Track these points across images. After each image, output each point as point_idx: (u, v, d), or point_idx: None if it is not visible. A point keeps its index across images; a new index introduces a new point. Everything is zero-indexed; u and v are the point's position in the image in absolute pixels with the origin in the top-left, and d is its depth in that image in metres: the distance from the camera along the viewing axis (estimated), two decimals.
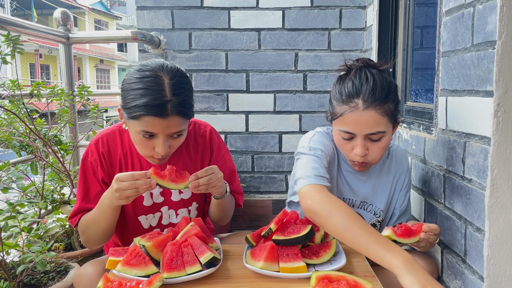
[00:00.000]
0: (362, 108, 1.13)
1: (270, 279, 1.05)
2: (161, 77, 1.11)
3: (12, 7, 20.87)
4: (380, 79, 1.15)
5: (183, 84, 1.14)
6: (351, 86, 1.15)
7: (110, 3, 33.67)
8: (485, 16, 1.02)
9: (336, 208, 1.03)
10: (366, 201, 1.34)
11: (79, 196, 1.29)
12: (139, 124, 1.11)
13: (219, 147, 1.40)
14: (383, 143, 1.17)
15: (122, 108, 1.16)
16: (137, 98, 1.09)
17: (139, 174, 1.09)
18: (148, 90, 1.09)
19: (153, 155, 1.18)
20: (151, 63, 1.15)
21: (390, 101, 1.15)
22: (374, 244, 0.95)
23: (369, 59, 1.23)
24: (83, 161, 1.29)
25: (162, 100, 1.08)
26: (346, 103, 1.15)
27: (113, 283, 0.95)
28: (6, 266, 1.40)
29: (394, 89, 1.18)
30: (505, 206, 1.02)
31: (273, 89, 2.22)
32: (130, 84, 1.12)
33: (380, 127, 1.14)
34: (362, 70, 1.18)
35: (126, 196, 1.10)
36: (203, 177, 1.14)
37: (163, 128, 1.12)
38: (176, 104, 1.10)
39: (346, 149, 1.21)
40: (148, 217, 1.32)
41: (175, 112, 1.10)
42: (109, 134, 1.30)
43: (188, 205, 1.36)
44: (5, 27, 1.55)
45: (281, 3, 2.16)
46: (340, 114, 1.16)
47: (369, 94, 1.12)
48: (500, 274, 1.04)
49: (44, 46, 18.90)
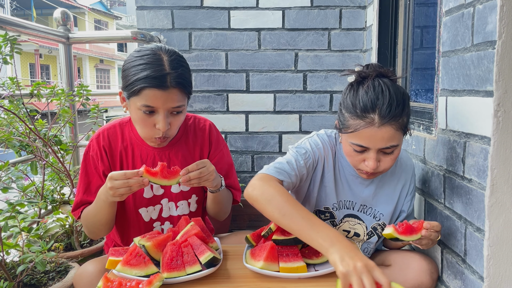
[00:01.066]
0: (378, 125, 1.09)
1: (270, 279, 1.05)
2: (160, 55, 1.18)
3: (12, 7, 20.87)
4: (395, 92, 1.11)
5: (181, 61, 1.21)
6: (367, 100, 1.10)
7: (110, 3, 33.68)
8: (485, 16, 1.02)
9: (275, 196, 1.07)
10: (366, 204, 1.32)
11: (80, 189, 1.32)
12: (140, 99, 1.15)
13: (217, 141, 1.42)
14: (395, 155, 1.16)
15: (123, 88, 1.21)
16: (138, 72, 1.15)
17: (132, 173, 1.11)
18: (148, 65, 1.15)
19: (155, 134, 1.22)
20: (150, 45, 1.22)
21: (405, 115, 1.12)
22: (306, 229, 1.00)
23: (380, 66, 1.18)
24: (85, 155, 1.32)
25: (162, 72, 1.15)
26: (361, 118, 1.10)
27: (113, 283, 0.95)
28: (6, 266, 1.40)
29: (408, 101, 1.15)
30: (505, 206, 1.02)
31: (273, 89, 2.22)
32: (130, 63, 1.19)
33: (394, 142, 1.12)
34: (375, 80, 1.13)
35: (119, 194, 1.12)
36: (194, 171, 1.15)
37: (163, 101, 1.16)
38: (175, 76, 1.16)
39: (356, 160, 1.18)
40: (148, 209, 1.33)
41: (174, 83, 1.15)
42: (110, 128, 1.34)
43: (187, 198, 1.37)
44: (5, 27, 1.55)
45: (281, 3, 2.16)
46: (354, 128, 1.12)
47: (386, 110, 1.08)
48: (500, 274, 1.04)
49: (44, 46, 18.90)
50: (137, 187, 1.12)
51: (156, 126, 1.20)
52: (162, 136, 1.22)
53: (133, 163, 1.31)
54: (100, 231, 1.29)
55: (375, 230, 1.33)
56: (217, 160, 1.39)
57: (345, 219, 1.33)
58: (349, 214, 1.33)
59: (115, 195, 1.12)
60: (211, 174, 1.19)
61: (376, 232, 1.34)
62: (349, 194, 1.32)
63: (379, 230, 1.33)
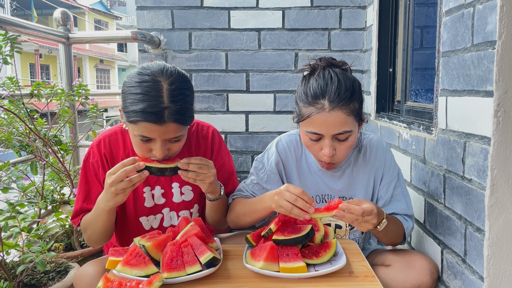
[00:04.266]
0: (329, 109, 1.14)
1: (270, 279, 1.05)
2: (160, 83, 1.09)
3: (12, 7, 20.86)
4: (344, 79, 1.17)
5: (182, 89, 1.12)
6: (316, 87, 1.16)
7: (110, 3, 33.67)
8: (485, 16, 1.02)
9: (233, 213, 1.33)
10: (344, 195, 1.35)
11: (80, 197, 1.29)
12: (136, 128, 1.11)
13: (219, 148, 1.40)
14: (349, 142, 1.19)
15: (122, 110, 1.16)
16: (135, 104, 1.08)
17: (128, 160, 1.10)
18: (145, 96, 1.08)
19: (151, 157, 1.18)
20: (152, 66, 1.13)
21: (355, 100, 1.17)
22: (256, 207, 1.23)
23: (332, 58, 1.24)
24: (85, 162, 1.29)
25: (159, 107, 1.07)
26: (312, 105, 1.16)
27: (113, 283, 0.95)
28: (6, 266, 1.40)
29: (358, 88, 1.20)
30: (505, 206, 1.02)
31: (273, 89, 2.22)
32: (129, 88, 1.12)
33: (347, 127, 1.16)
34: (325, 69, 1.19)
35: (121, 188, 1.09)
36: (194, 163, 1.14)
37: (159, 134, 1.11)
38: (174, 111, 1.09)
39: (314, 149, 1.23)
40: (149, 218, 1.32)
41: (172, 119, 1.09)
42: (111, 135, 1.30)
43: (189, 207, 1.36)
44: (5, 27, 1.55)
45: (281, 3, 2.16)
46: (307, 115, 1.17)
47: (335, 94, 1.14)
48: (500, 274, 1.04)
49: (44, 46, 18.90)
50: (137, 179, 1.10)
51: (153, 153, 1.16)
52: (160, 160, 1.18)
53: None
54: (99, 239, 1.27)
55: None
56: (218, 168, 1.37)
57: None
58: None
59: (117, 191, 1.09)
60: (209, 176, 1.17)
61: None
62: (324, 188, 1.35)
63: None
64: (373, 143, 1.36)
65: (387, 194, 1.33)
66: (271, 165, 1.35)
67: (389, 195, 1.33)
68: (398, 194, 1.33)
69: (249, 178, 1.39)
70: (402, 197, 1.34)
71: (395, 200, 1.33)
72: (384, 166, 1.34)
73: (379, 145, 1.36)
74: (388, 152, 1.36)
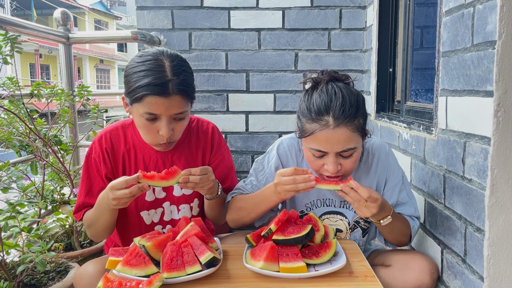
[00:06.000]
0: (333, 126, 1.10)
1: (270, 279, 1.05)
2: (162, 60, 1.16)
3: (12, 7, 20.86)
4: (348, 94, 1.13)
5: (183, 66, 1.19)
6: (320, 103, 1.13)
7: (110, 3, 33.66)
8: (485, 16, 1.02)
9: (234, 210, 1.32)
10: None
11: (82, 191, 1.31)
12: (142, 106, 1.15)
13: (219, 144, 1.42)
14: (354, 157, 1.16)
15: (125, 94, 1.20)
16: (140, 79, 1.13)
17: (132, 179, 1.11)
18: (149, 71, 1.14)
19: (158, 140, 1.21)
20: (152, 49, 1.20)
21: (360, 116, 1.14)
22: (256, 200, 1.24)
23: (334, 71, 1.21)
24: (87, 158, 1.32)
25: (164, 79, 1.13)
26: (316, 121, 1.12)
27: (113, 283, 0.95)
28: (6, 266, 1.40)
29: (363, 103, 1.17)
30: (505, 206, 1.02)
31: (273, 89, 2.22)
32: (132, 68, 1.17)
33: (351, 144, 1.13)
34: (328, 84, 1.16)
35: (123, 203, 1.13)
36: (195, 176, 1.15)
37: (165, 108, 1.15)
38: (177, 83, 1.14)
39: (316, 165, 1.19)
40: (150, 212, 1.33)
41: (176, 90, 1.14)
42: (112, 130, 1.33)
43: (189, 201, 1.37)
44: (5, 27, 1.55)
45: (281, 3, 2.16)
46: (310, 132, 1.14)
47: (340, 111, 1.10)
48: (500, 274, 1.04)
49: (44, 46, 18.89)
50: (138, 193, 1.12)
51: (159, 133, 1.19)
52: (166, 142, 1.22)
53: (135, 166, 1.31)
54: (101, 235, 1.30)
55: (358, 224, 1.35)
56: (217, 163, 1.39)
57: (325, 216, 1.34)
58: (330, 211, 1.34)
59: (118, 204, 1.12)
60: (208, 183, 1.19)
61: (359, 225, 1.35)
62: (326, 192, 1.33)
63: (361, 223, 1.35)
64: (375, 147, 1.34)
65: (392, 198, 1.31)
66: (271, 169, 1.34)
67: (395, 199, 1.32)
68: (404, 197, 1.33)
69: (249, 178, 1.39)
70: (409, 199, 1.33)
71: (401, 204, 1.32)
72: (388, 170, 1.32)
73: (382, 149, 1.34)
74: (391, 156, 1.34)
